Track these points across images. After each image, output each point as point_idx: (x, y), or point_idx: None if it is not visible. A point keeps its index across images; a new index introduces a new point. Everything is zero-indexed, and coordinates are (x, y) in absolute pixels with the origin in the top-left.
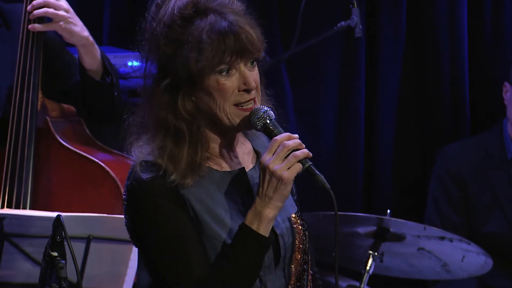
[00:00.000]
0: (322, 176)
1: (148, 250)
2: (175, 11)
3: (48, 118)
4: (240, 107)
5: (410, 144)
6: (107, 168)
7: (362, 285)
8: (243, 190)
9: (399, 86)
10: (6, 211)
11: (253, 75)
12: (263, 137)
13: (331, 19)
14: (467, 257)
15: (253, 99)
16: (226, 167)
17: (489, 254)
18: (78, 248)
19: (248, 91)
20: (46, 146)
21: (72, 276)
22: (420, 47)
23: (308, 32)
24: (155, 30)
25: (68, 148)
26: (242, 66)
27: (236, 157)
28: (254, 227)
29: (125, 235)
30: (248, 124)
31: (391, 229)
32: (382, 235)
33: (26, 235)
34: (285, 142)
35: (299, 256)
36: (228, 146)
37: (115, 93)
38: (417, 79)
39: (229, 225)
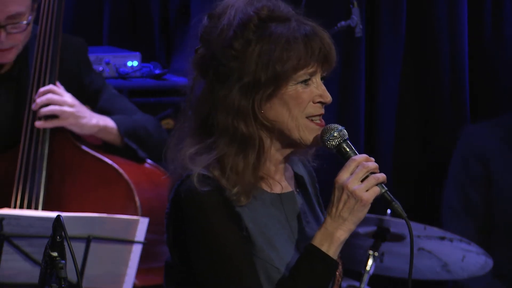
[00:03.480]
0: (399, 204)
1: (194, 268)
2: (251, 12)
3: None
4: (312, 121)
5: (410, 144)
6: (121, 170)
7: (362, 285)
8: (291, 214)
9: (399, 86)
10: (5, 211)
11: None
12: (300, 164)
13: (331, 19)
14: (467, 257)
15: (322, 114)
16: (275, 189)
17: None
18: (78, 248)
19: (323, 104)
20: (60, 147)
21: (72, 276)
22: (420, 47)
23: None
24: (224, 34)
25: (82, 149)
26: (319, 77)
27: (284, 180)
28: (323, 249)
29: (125, 235)
30: (317, 142)
31: (391, 229)
32: (382, 235)
33: (26, 235)
34: (364, 163)
35: None
36: (280, 167)
37: (141, 155)
38: (417, 79)
39: (279, 249)
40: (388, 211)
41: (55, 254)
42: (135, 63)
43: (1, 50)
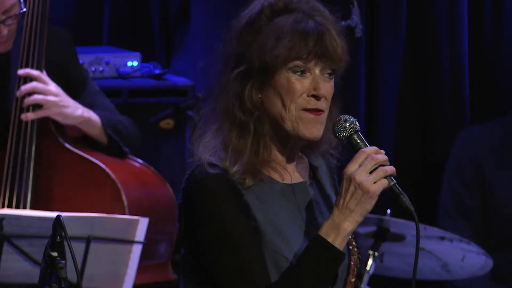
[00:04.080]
0: (407, 197)
1: (202, 258)
2: (265, 3)
3: (50, 119)
4: (306, 111)
5: (410, 144)
6: (108, 170)
7: (362, 285)
8: (303, 205)
9: (399, 86)
10: (5, 211)
11: (326, 86)
12: (318, 154)
13: None
14: (467, 257)
15: (320, 112)
16: (287, 179)
17: (509, 237)
18: (78, 248)
19: (317, 97)
20: (47, 147)
21: (72, 276)
22: (420, 47)
23: None
24: (241, 21)
25: (69, 149)
26: (317, 71)
27: (297, 171)
28: (330, 240)
29: (125, 235)
30: (314, 135)
31: (391, 229)
32: (382, 235)
33: (26, 235)
34: (373, 155)
35: (353, 280)
36: (290, 157)
37: (124, 149)
38: (417, 79)
39: (290, 239)
40: (388, 211)
41: (55, 254)
42: (135, 63)
43: (2, 41)
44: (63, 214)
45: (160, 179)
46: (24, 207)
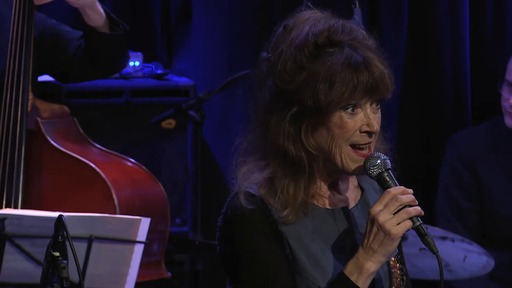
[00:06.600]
0: (431, 238)
1: (234, 283)
2: (309, 37)
3: (39, 120)
4: (356, 150)
5: (411, 144)
6: (98, 169)
7: None
8: (344, 229)
9: (400, 86)
10: (7, 211)
11: (377, 118)
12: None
13: None
14: (469, 257)
15: (370, 143)
16: (329, 204)
17: (505, 238)
18: (80, 248)
19: (369, 134)
20: (37, 147)
21: (74, 276)
22: (422, 47)
23: None
24: (283, 52)
25: (58, 149)
26: (368, 106)
27: (340, 194)
28: (352, 279)
29: (127, 235)
30: (361, 171)
31: None
32: None
33: (28, 235)
34: (399, 196)
35: None
36: (334, 183)
37: (127, 28)
38: (418, 79)
39: (325, 266)
40: None
41: (57, 254)
42: (137, 63)
43: None
44: (65, 214)
45: (152, 178)
46: (16, 207)
